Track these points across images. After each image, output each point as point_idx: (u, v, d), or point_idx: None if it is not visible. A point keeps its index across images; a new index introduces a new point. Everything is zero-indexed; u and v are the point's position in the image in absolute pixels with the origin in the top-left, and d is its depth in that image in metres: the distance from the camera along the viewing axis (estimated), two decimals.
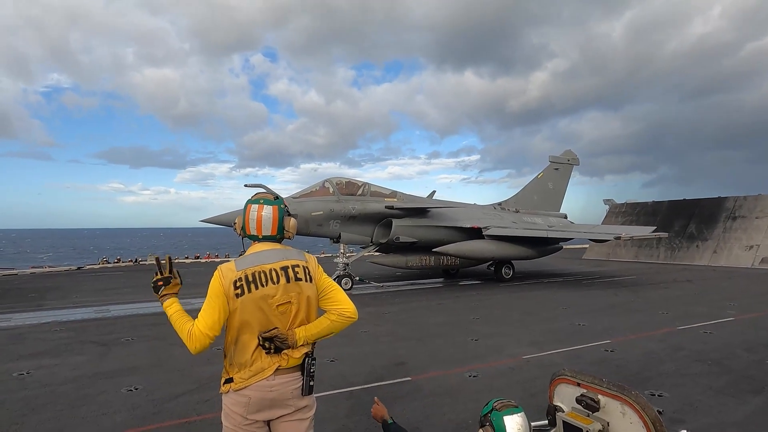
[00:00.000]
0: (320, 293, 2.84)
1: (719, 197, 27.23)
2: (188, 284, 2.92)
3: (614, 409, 2.44)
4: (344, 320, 2.80)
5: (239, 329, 2.66)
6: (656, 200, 30.94)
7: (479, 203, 21.47)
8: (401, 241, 16.43)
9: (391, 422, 3.13)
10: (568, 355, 7.69)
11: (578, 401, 2.58)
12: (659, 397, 5.72)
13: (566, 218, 22.99)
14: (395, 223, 16.24)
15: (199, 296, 2.88)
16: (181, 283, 2.85)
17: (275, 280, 2.67)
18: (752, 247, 23.88)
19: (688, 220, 27.44)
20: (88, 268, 25.78)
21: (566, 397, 2.73)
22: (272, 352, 2.65)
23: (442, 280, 18.83)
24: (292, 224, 2.90)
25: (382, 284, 16.70)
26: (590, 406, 2.51)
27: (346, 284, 15.43)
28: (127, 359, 7.74)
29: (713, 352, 7.70)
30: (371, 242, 16.77)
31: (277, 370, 2.66)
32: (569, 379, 2.73)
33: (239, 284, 2.62)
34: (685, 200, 29.17)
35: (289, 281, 2.71)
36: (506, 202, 22.16)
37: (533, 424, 2.60)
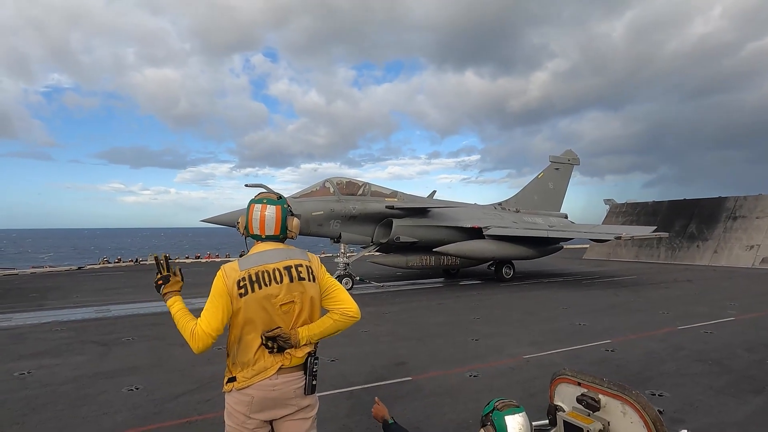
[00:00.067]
0: (323, 293, 2.84)
1: (720, 197, 27.22)
2: (189, 284, 2.93)
3: (615, 408, 2.45)
4: (347, 320, 2.81)
5: (242, 329, 2.66)
6: (657, 200, 30.95)
7: (479, 203, 21.47)
8: (402, 241, 16.43)
9: (391, 422, 3.13)
10: (568, 354, 7.69)
11: (579, 401, 2.59)
12: (660, 396, 5.72)
13: (567, 218, 22.99)
14: (396, 223, 16.24)
15: (199, 296, 2.88)
16: (182, 280, 2.86)
17: (278, 279, 2.68)
18: (753, 247, 23.87)
19: (688, 220, 27.43)
20: (88, 268, 25.79)
21: (567, 396, 2.73)
22: (275, 351, 2.65)
23: (442, 280, 18.82)
24: (295, 224, 2.90)
25: (382, 284, 16.71)
26: (591, 405, 2.51)
27: (346, 284, 15.42)
28: (127, 359, 7.74)
29: (714, 352, 7.70)
30: (372, 242, 16.77)
31: (279, 369, 2.67)
32: (570, 378, 2.73)
33: (243, 284, 2.63)
34: (685, 200, 29.15)
35: (292, 281, 2.71)
36: (507, 202, 22.16)
37: (534, 423, 2.61)
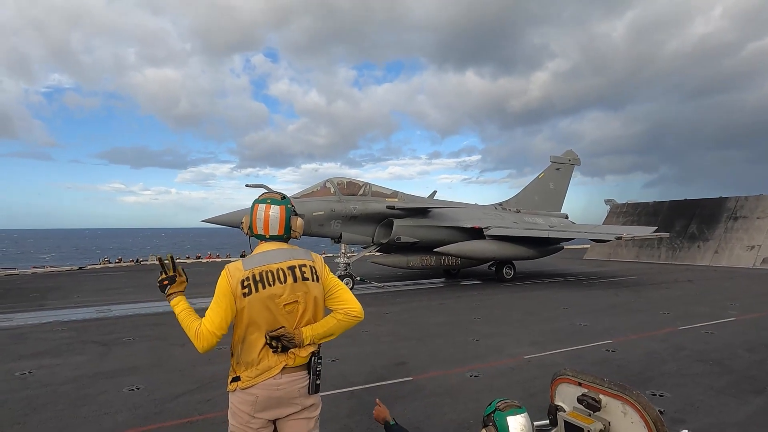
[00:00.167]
0: (327, 293, 2.86)
1: (720, 197, 27.20)
2: (189, 284, 2.94)
3: (615, 408, 2.45)
4: (351, 320, 2.82)
5: (246, 328, 2.67)
6: (657, 200, 30.93)
7: (480, 203, 21.45)
8: (402, 241, 16.43)
9: (393, 423, 3.13)
10: (569, 355, 7.68)
11: (579, 401, 2.59)
12: (660, 397, 5.71)
13: (567, 218, 22.99)
14: (396, 223, 16.24)
15: (199, 296, 2.88)
16: (187, 280, 2.87)
17: (282, 279, 2.69)
18: (753, 247, 23.85)
19: (689, 220, 27.41)
20: (89, 268, 25.83)
21: (567, 396, 2.73)
22: (279, 351, 2.66)
23: (443, 280, 18.82)
24: (299, 224, 2.91)
25: (383, 284, 16.70)
26: (591, 405, 2.51)
27: (347, 284, 15.39)
28: (128, 359, 7.75)
29: (714, 352, 7.69)
30: (372, 242, 16.78)
31: (283, 368, 2.68)
32: (570, 378, 2.73)
33: (247, 284, 2.63)
34: (686, 200, 29.13)
35: (296, 281, 2.72)
36: (507, 202, 22.15)
37: (535, 423, 2.61)
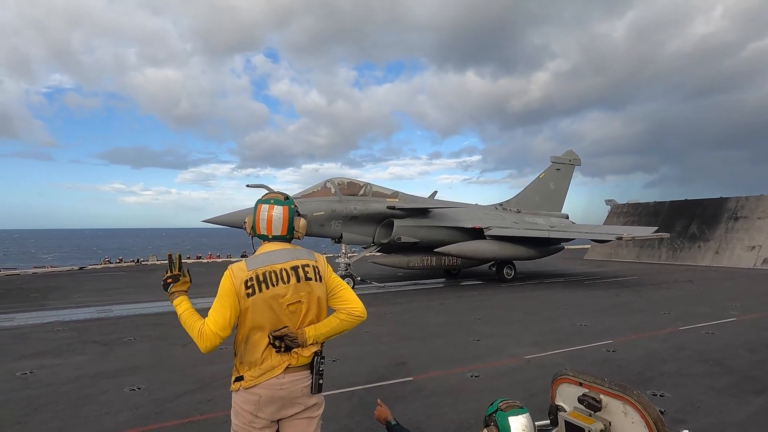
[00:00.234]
0: (330, 292, 2.87)
1: (721, 198, 27.19)
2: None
3: (616, 408, 2.45)
4: (353, 319, 2.83)
5: (250, 328, 2.68)
6: (658, 200, 30.92)
7: (480, 203, 21.45)
8: (403, 241, 16.43)
9: (394, 423, 3.14)
10: (569, 355, 7.68)
11: (580, 401, 2.59)
12: (661, 397, 5.71)
13: (568, 218, 22.98)
14: (397, 223, 16.24)
15: (200, 296, 2.89)
16: (190, 281, 2.88)
17: (286, 279, 2.70)
18: (754, 247, 23.83)
19: (689, 220, 27.39)
20: (90, 268, 25.85)
21: (568, 396, 2.74)
22: (282, 350, 2.67)
23: (443, 280, 18.82)
24: (302, 224, 2.92)
25: (383, 284, 16.70)
26: (592, 405, 2.51)
27: (347, 284, 15.43)
28: (129, 359, 7.76)
29: (715, 352, 7.69)
30: (373, 242, 16.78)
31: (287, 368, 2.68)
32: (571, 378, 2.73)
33: (250, 284, 2.64)
34: (686, 201, 29.11)
35: (299, 281, 2.73)
36: (508, 202, 22.14)
37: (536, 423, 2.61)
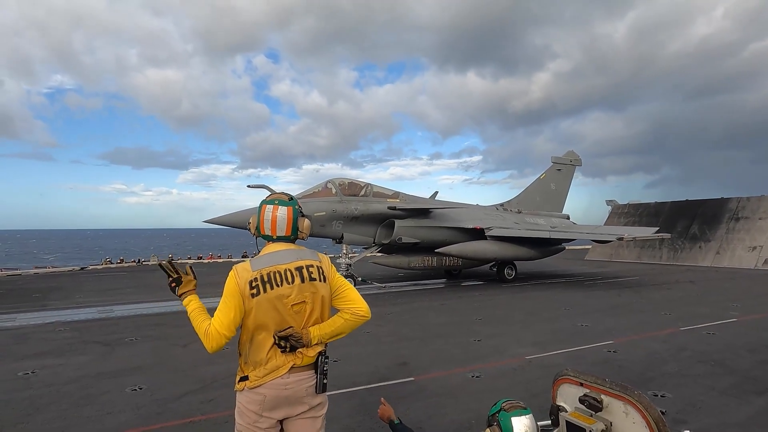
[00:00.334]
0: (334, 293, 2.87)
1: (722, 198, 27.15)
2: None
3: (617, 409, 2.45)
4: (357, 319, 2.84)
5: (254, 328, 2.69)
6: (659, 201, 30.88)
7: (481, 204, 21.45)
8: (404, 241, 16.43)
9: (397, 422, 3.15)
10: (570, 355, 7.69)
11: (581, 401, 2.60)
12: (662, 397, 5.71)
13: (569, 219, 22.97)
14: (398, 223, 16.24)
15: (201, 296, 2.90)
16: (195, 278, 2.89)
17: (290, 280, 2.71)
18: (755, 248, 23.80)
19: (690, 221, 27.37)
20: (91, 268, 25.87)
21: (569, 397, 2.74)
22: (287, 350, 2.68)
23: (444, 280, 18.82)
24: (306, 225, 2.93)
25: (384, 285, 16.70)
26: (593, 406, 2.52)
27: None
28: (130, 359, 7.77)
29: (716, 352, 7.69)
30: (374, 243, 16.78)
31: (291, 368, 2.70)
32: (572, 379, 2.74)
33: (255, 284, 2.65)
34: (687, 201, 29.08)
35: (303, 281, 2.74)
36: (509, 202, 22.15)
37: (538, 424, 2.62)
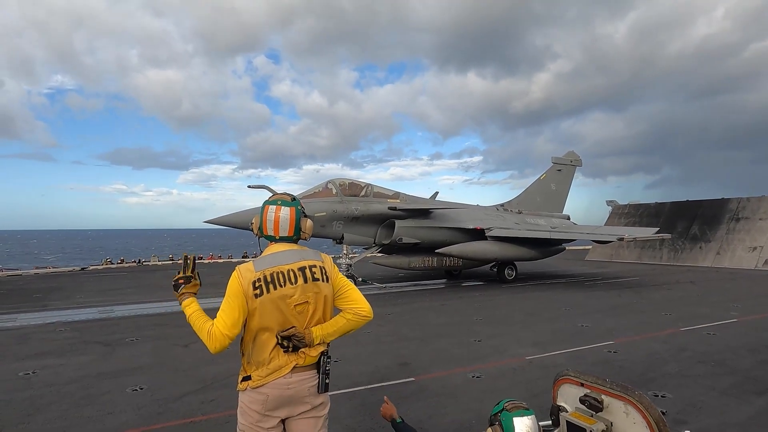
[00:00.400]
0: (336, 293, 2.88)
1: (723, 198, 27.15)
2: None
3: (618, 409, 2.46)
4: (360, 319, 2.85)
5: (258, 329, 2.70)
6: (659, 201, 30.86)
7: (482, 204, 21.46)
8: (404, 242, 16.44)
9: (399, 421, 3.17)
10: (571, 355, 7.69)
11: (582, 401, 2.60)
12: (662, 397, 5.72)
13: (569, 219, 22.98)
14: (398, 224, 16.25)
15: (200, 296, 2.91)
16: (200, 284, 2.90)
17: (293, 280, 2.72)
18: (756, 248, 23.79)
19: (691, 221, 27.36)
20: (92, 268, 25.88)
21: (570, 397, 2.74)
22: (290, 350, 2.69)
23: (444, 281, 18.82)
24: (308, 225, 2.94)
25: (384, 285, 16.70)
26: (594, 406, 2.52)
27: None
28: (131, 359, 7.77)
29: (717, 353, 7.70)
30: (374, 243, 16.78)
31: (294, 368, 2.71)
32: (573, 379, 2.74)
33: (258, 284, 2.66)
34: (688, 201, 29.06)
35: (306, 281, 2.75)
36: (509, 203, 22.15)
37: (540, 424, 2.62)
